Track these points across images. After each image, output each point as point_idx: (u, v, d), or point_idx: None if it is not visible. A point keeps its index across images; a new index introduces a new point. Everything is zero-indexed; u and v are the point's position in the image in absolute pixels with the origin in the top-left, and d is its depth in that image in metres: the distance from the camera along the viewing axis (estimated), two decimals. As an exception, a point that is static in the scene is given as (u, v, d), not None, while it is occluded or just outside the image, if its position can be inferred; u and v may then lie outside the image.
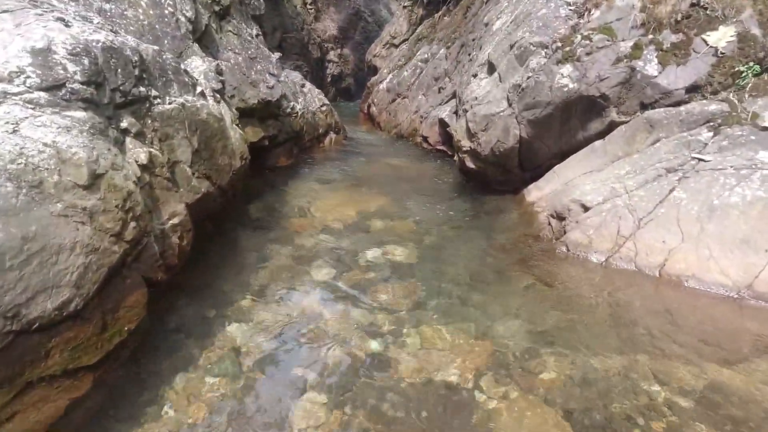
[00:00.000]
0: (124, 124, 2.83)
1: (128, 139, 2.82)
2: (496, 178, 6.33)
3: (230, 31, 6.03)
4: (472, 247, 4.74)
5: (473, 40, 9.27)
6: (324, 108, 9.58)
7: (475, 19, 9.82)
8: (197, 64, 4.71)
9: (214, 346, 3.04)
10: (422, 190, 6.56)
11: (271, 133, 6.73)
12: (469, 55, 9.04)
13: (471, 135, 6.10)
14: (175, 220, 2.91)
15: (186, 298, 3.50)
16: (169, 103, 3.20)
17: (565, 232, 4.69)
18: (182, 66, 3.69)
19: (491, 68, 6.44)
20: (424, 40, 12.85)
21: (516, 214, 5.49)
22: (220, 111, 3.90)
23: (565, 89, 5.04)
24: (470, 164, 6.28)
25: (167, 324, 3.22)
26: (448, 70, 10.45)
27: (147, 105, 3.06)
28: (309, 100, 9.18)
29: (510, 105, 5.65)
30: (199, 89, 3.67)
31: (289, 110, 7.25)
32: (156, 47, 3.45)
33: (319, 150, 8.94)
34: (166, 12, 4.84)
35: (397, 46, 14.50)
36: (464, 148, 6.27)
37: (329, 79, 19.32)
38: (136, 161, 2.76)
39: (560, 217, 4.80)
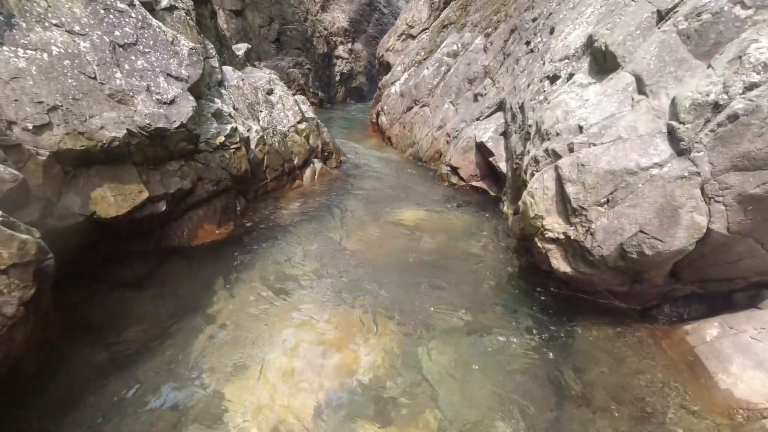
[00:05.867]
0: None
1: None
2: (610, 288, 3.05)
3: (65, -11, 2.93)
4: None
5: (533, 20, 5.94)
6: (303, 126, 6.37)
7: (533, -10, 6.50)
8: None
9: None
10: (455, 298, 3.31)
11: (176, 188, 3.58)
12: (529, 44, 5.71)
13: (570, 210, 2.81)
14: None
15: None
16: None
17: None
18: None
19: (604, 63, 3.13)
20: (452, 27, 9.54)
21: (701, 425, 2.18)
22: None
23: None
24: (562, 266, 2.99)
25: None
26: (490, 67, 7.13)
27: None
28: (277, 115, 5.99)
29: (680, 153, 2.35)
30: None
31: (221, 140, 4.08)
32: None
33: (292, 193, 5.76)
34: None
35: (415, 37, 11.23)
36: (550, 234, 2.97)
37: (338, 78, 16.61)
38: None
39: None
